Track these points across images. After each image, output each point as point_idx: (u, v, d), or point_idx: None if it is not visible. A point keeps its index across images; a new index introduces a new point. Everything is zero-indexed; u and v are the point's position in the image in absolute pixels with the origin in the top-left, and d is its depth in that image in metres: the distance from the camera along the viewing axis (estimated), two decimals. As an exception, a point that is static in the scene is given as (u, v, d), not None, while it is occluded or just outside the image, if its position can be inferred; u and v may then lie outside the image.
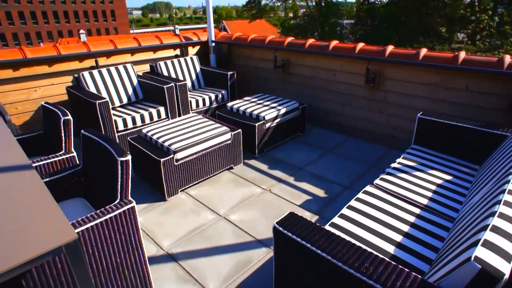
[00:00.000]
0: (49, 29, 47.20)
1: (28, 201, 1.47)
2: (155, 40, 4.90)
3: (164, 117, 3.89)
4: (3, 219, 1.36)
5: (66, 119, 2.29)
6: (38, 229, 1.30)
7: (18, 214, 1.39)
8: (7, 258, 1.17)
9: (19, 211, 1.41)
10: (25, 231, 1.29)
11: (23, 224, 1.33)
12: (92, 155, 1.98)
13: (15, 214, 1.38)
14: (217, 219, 2.64)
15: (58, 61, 4.01)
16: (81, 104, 3.62)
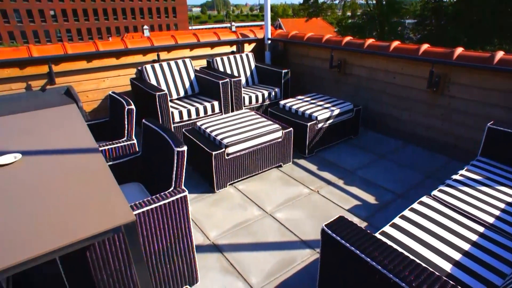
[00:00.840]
0: (117, 24, 50.90)
1: (94, 182, 1.60)
2: (213, 37, 5.05)
3: (218, 112, 4.00)
4: (73, 195, 1.49)
5: (129, 108, 2.46)
6: (102, 208, 1.42)
7: (86, 192, 1.52)
8: (76, 231, 1.29)
9: (87, 189, 1.54)
10: (91, 209, 1.41)
11: (90, 202, 1.45)
12: (151, 143, 2.10)
13: (84, 192, 1.52)
14: (263, 216, 2.67)
15: (125, 54, 4.31)
16: (142, 95, 3.85)
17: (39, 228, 1.31)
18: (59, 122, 2.42)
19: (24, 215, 1.38)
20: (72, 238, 1.26)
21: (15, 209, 1.42)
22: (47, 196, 1.50)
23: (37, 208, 1.42)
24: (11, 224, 1.33)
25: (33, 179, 1.64)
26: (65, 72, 3.97)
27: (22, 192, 1.54)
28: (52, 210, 1.40)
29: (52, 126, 2.35)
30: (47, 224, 1.33)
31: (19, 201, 1.47)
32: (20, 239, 1.25)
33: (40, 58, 3.78)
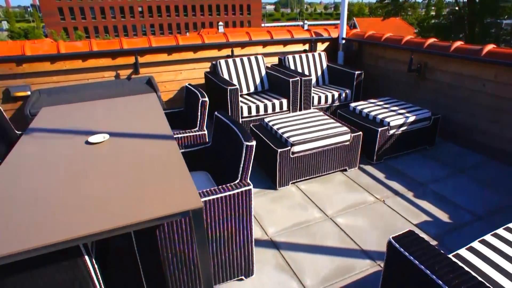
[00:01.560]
0: (194, 20, 53.81)
1: (168, 166, 1.72)
2: (286, 34, 5.05)
3: (286, 110, 4.01)
4: (150, 176, 1.62)
5: (203, 101, 2.58)
6: (174, 191, 1.51)
7: (161, 175, 1.64)
8: (150, 210, 1.40)
9: (161, 172, 1.66)
10: (164, 191, 1.51)
11: (164, 184, 1.56)
12: (221, 135, 2.18)
13: (159, 174, 1.64)
14: (323, 219, 2.61)
15: (201, 49, 4.53)
16: (215, 88, 4.02)
17: (119, 202, 1.44)
18: (141, 108, 2.64)
19: (108, 189, 1.54)
20: (146, 216, 1.37)
21: (101, 182, 1.59)
22: (128, 174, 1.65)
23: (119, 184, 1.57)
24: (97, 195, 1.49)
25: (117, 158, 1.82)
26: (148, 63, 4.32)
27: (108, 168, 1.72)
28: (131, 187, 1.54)
29: (135, 111, 2.57)
30: (126, 199, 1.46)
31: (105, 176, 1.64)
32: (103, 210, 1.40)
33: (128, 50, 4.17)
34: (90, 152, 1.90)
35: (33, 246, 1.23)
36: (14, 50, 3.77)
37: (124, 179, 1.62)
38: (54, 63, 3.91)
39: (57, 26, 48.91)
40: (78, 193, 1.52)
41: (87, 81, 4.10)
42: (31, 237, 1.26)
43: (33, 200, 1.48)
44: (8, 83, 3.80)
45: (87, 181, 1.61)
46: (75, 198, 1.49)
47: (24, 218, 1.36)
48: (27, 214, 1.39)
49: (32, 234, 1.28)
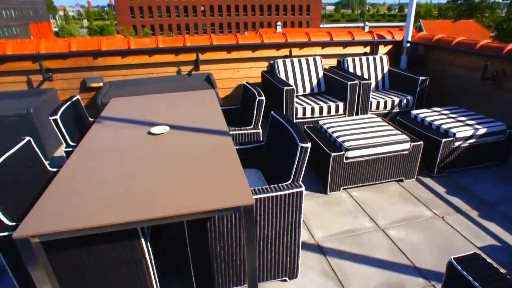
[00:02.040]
0: (253, 20, 54.59)
1: (223, 161, 1.77)
2: (347, 36, 4.91)
3: (341, 113, 3.90)
4: (205, 170, 1.68)
5: (260, 99, 2.61)
6: (227, 186, 1.55)
7: (215, 169, 1.68)
8: (203, 202, 1.45)
9: (216, 167, 1.71)
10: (218, 185, 1.56)
11: (218, 178, 1.61)
12: (275, 135, 2.19)
13: (214, 169, 1.69)
14: (374, 229, 2.50)
15: (260, 48, 4.58)
16: (271, 87, 4.04)
17: (175, 192, 1.52)
18: (200, 103, 2.74)
19: (166, 178, 1.62)
20: (199, 208, 1.42)
21: (160, 171, 1.68)
22: (184, 166, 1.73)
23: (176, 174, 1.65)
24: (156, 183, 1.58)
25: (176, 150, 1.91)
26: (208, 60, 4.48)
27: (166, 159, 1.81)
28: (187, 179, 1.61)
29: (194, 106, 2.68)
30: (182, 189, 1.53)
31: (163, 166, 1.74)
32: (160, 198, 1.48)
33: (191, 47, 4.35)
34: (151, 142, 2.02)
35: (99, 224, 1.34)
36: (92, 45, 4.15)
37: (181, 170, 1.70)
38: (124, 58, 4.23)
39: (128, 24, 52.85)
40: (139, 179, 1.63)
41: (152, 76, 4.37)
42: (99, 215, 1.38)
43: (101, 182, 1.62)
44: (85, 74, 4.19)
45: (147, 169, 1.72)
46: (136, 184, 1.59)
47: (92, 197, 1.49)
48: (95, 194, 1.52)
49: (100, 213, 1.39)
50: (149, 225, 1.71)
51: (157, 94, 3.15)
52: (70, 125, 2.46)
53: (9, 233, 1.46)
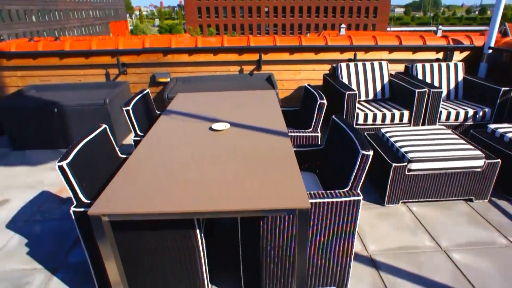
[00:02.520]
0: (316, 21, 53.90)
1: (281, 162, 1.76)
2: (418, 40, 4.61)
3: (406, 122, 3.68)
4: (262, 168, 1.69)
5: (321, 103, 2.56)
6: (284, 187, 1.55)
7: (273, 169, 1.69)
8: (259, 201, 1.46)
9: (274, 167, 1.71)
10: (274, 185, 1.56)
11: (275, 179, 1.61)
12: (335, 139, 2.14)
13: (271, 168, 1.70)
14: (435, 249, 2.31)
15: (323, 50, 4.50)
16: (332, 91, 3.95)
17: (232, 188, 1.55)
18: (260, 103, 2.78)
19: (224, 174, 1.67)
20: (254, 206, 1.44)
21: (219, 167, 1.74)
22: (243, 163, 1.76)
23: (234, 171, 1.69)
24: (214, 178, 1.63)
25: (235, 147, 1.96)
26: (270, 61, 4.52)
27: (225, 155, 1.86)
28: (245, 176, 1.64)
29: (255, 105, 2.72)
30: (239, 186, 1.56)
31: (222, 162, 1.79)
32: (218, 192, 1.53)
33: (254, 47, 4.43)
34: (212, 138, 2.10)
35: (161, 211, 1.42)
36: (163, 43, 4.42)
37: (239, 167, 1.73)
38: (191, 55, 4.44)
39: (195, 23, 55.51)
40: (199, 172, 1.70)
41: (215, 73, 4.53)
42: (161, 203, 1.47)
43: (164, 171, 1.71)
44: (154, 70, 4.49)
45: (207, 163, 1.78)
46: (196, 176, 1.66)
47: (156, 185, 1.59)
48: (159, 182, 1.61)
49: (162, 200, 1.48)
50: (205, 217, 1.77)
51: (219, 91, 3.26)
52: (139, 116, 2.65)
53: (84, 209, 1.62)
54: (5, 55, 4.36)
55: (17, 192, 3.12)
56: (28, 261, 2.27)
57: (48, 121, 3.78)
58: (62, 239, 2.47)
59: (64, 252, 2.33)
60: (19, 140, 3.91)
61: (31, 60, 4.40)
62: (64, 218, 2.71)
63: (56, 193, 3.08)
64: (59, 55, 4.38)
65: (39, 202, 2.95)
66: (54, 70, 4.45)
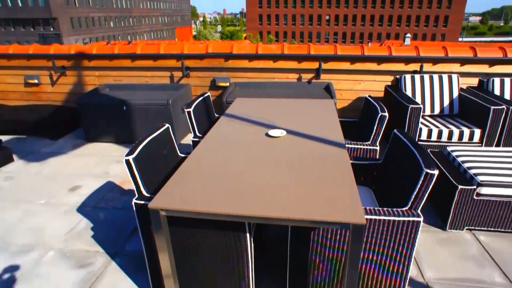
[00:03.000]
0: (379, 30, 51.94)
1: (336, 173, 1.72)
2: (497, 52, 4.21)
3: (477, 142, 3.36)
4: (317, 178, 1.66)
5: (382, 115, 2.45)
6: (338, 200, 1.50)
7: (328, 179, 1.65)
8: (311, 211, 1.43)
9: (329, 177, 1.67)
10: (329, 196, 1.52)
11: (329, 190, 1.57)
12: (395, 155, 2.03)
13: (326, 179, 1.66)
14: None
15: (386, 61, 4.32)
16: (394, 103, 3.77)
17: (286, 195, 1.54)
18: (318, 112, 2.74)
19: (279, 181, 1.67)
20: (307, 215, 1.41)
21: (273, 173, 1.74)
22: (298, 172, 1.74)
23: (289, 179, 1.68)
24: (269, 184, 1.64)
25: (291, 155, 1.95)
26: (329, 70, 4.44)
27: (281, 162, 1.86)
28: (299, 185, 1.62)
29: (312, 114, 2.69)
30: (293, 194, 1.55)
31: (277, 168, 1.79)
32: (271, 198, 1.53)
33: (314, 56, 4.39)
34: (268, 144, 2.11)
35: (215, 211, 1.46)
36: (225, 48, 4.58)
37: (294, 175, 1.72)
38: (251, 62, 4.54)
39: (255, 30, 56.75)
40: (253, 177, 1.72)
41: (274, 80, 4.57)
42: (215, 203, 1.51)
43: (220, 173, 1.76)
44: (215, 74, 4.66)
45: (261, 169, 1.80)
46: (250, 180, 1.68)
47: (212, 186, 1.64)
48: (215, 183, 1.66)
49: (216, 201, 1.52)
50: (256, 222, 1.79)
51: (277, 98, 3.28)
52: (199, 118, 2.76)
53: (145, 202, 1.73)
54: (87, 57, 4.85)
55: (87, 180, 3.43)
56: (92, 244, 2.47)
57: (117, 117, 4.12)
58: (121, 227, 2.66)
59: (122, 240, 2.51)
60: (92, 133, 4.31)
61: (108, 62, 4.84)
62: (124, 208, 2.92)
63: (119, 184, 3.33)
64: (131, 58, 4.76)
65: (104, 191, 3.22)
66: (126, 71, 4.84)
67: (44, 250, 2.41)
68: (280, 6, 54.86)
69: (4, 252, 2.41)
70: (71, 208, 2.94)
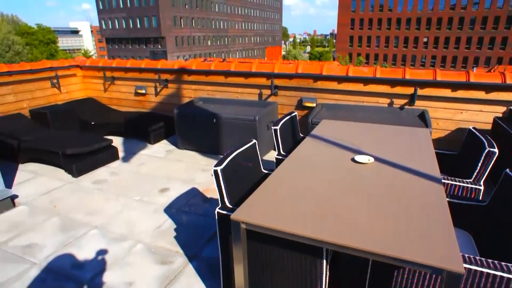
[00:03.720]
0: (489, 54, 46.38)
1: (429, 211, 1.55)
2: None
3: None
4: (407, 213, 1.52)
5: (491, 151, 2.16)
6: (430, 240, 1.35)
7: (420, 216, 1.50)
8: (397, 247, 1.31)
9: (420, 215, 1.52)
10: (419, 235, 1.37)
11: (420, 228, 1.42)
12: (507, 199, 1.75)
13: (418, 215, 1.51)
14: None
15: (497, 89, 3.82)
16: (505, 138, 3.29)
17: (370, 226, 1.45)
18: (410, 141, 2.54)
19: (363, 210, 1.58)
20: (392, 252, 1.30)
21: (358, 200, 1.65)
22: (385, 203, 1.63)
23: (375, 209, 1.58)
24: (352, 211, 1.56)
25: (378, 184, 1.83)
26: (425, 96, 4.11)
27: (367, 190, 1.76)
28: (385, 217, 1.51)
29: (404, 142, 2.51)
30: (378, 226, 1.44)
31: (363, 196, 1.70)
32: (353, 227, 1.45)
33: (409, 80, 4.12)
34: (354, 170, 2.03)
35: (294, 232, 1.45)
36: (314, 69, 4.61)
37: (380, 206, 1.61)
38: (340, 83, 4.47)
39: (344, 52, 55.94)
40: (335, 202, 1.66)
41: (362, 104, 4.41)
42: (295, 224, 1.49)
43: (302, 194, 1.75)
44: (303, 94, 4.70)
45: (345, 195, 1.72)
46: (332, 205, 1.63)
47: (293, 206, 1.63)
48: (296, 204, 1.65)
49: (296, 222, 1.51)
50: (334, 249, 1.72)
51: (366, 123, 3.15)
52: (285, 136, 2.80)
53: (227, 213, 1.80)
54: (187, 72, 5.37)
55: (175, 183, 3.74)
56: (173, 244, 2.67)
57: (207, 128, 4.43)
58: (201, 233, 2.81)
59: (201, 245, 2.65)
60: (183, 141, 4.71)
61: (204, 77, 5.27)
62: (205, 215, 3.09)
63: (202, 191, 3.55)
64: (225, 74, 5.11)
65: (189, 196, 3.46)
66: (219, 86, 5.21)
67: (134, 242, 2.68)
68: (373, 28, 53.24)
69: (104, 237, 2.75)
70: (159, 207, 3.22)
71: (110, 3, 50.36)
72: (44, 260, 2.48)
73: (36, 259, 2.49)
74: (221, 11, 58.98)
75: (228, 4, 60.73)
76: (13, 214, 3.13)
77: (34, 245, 2.66)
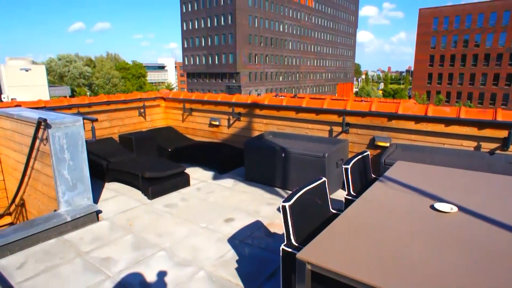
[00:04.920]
0: None
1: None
2: None
3: None
4: (495, 273, 1.31)
5: None
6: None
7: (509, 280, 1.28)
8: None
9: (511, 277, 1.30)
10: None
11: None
12: None
13: (508, 276, 1.29)
14: None
15: None
16: None
17: (450, 283, 1.27)
18: (502, 191, 2.24)
19: (445, 264, 1.40)
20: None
21: (439, 253, 1.48)
22: (471, 259, 1.43)
23: (459, 264, 1.39)
24: (432, 265, 1.39)
25: (461, 236, 1.63)
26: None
27: (449, 242, 1.57)
28: (471, 276, 1.32)
29: (494, 192, 2.22)
30: (461, 284, 1.27)
31: (444, 249, 1.52)
32: (431, 283, 1.29)
33: (502, 123, 3.69)
34: (434, 219, 1.84)
35: (363, 280, 1.34)
36: (389, 108, 4.42)
37: (465, 262, 1.42)
38: (418, 123, 4.20)
39: (422, 89, 52.93)
40: (412, 252, 1.51)
41: (443, 145, 4.06)
42: (364, 272, 1.38)
43: (374, 240, 1.63)
44: (375, 133, 4.52)
45: (424, 246, 1.56)
46: (408, 256, 1.48)
47: (362, 252, 1.52)
48: (366, 250, 1.54)
49: (365, 269, 1.40)
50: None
51: (447, 167, 2.88)
52: (355, 176, 2.69)
53: (292, 250, 1.76)
54: (259, 106, 5.58)
55: (240, 214, 3.79)
56: (234, 275, 2.66)
57: (275, 162, 4.47)
58: (262, 267, 2.76)
59: (261, 280, 2.59)
60: (251, 173, 4.81)
61: (275, 112, 5.42)
62: (268, 249, 3.04)
63: (266, 225, 3.53)
64: (296, 110, 5.18)
65: (252, 228, 3.46)
66: (289, 121, 5.29)
67: (197, 268, 2.74)
68: (455, 64, 49.79)
69: (170, 260, 2.87)
70: (223, 236, 3.28)
71: (193, 41, 56.02)
72: (117, 274, 2.66)
73: (110, 272, 2.69)
74: (294, 48, 61.17)
75: (301, 41, 62.80)
76: (97, 228, 3.47)
77: (110, 258, 2.89)
